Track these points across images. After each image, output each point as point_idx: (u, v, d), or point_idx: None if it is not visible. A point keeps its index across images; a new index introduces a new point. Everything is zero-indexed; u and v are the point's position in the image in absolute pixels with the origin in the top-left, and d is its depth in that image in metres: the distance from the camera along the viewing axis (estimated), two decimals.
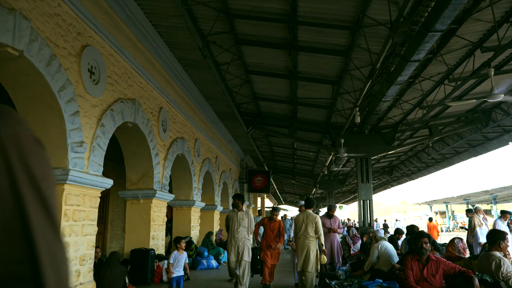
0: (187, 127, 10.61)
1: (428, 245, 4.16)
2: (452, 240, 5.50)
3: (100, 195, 5.91)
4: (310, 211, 7.12)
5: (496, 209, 33.87)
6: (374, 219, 14.45)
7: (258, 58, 8.25)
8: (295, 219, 7.46)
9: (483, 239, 8.98)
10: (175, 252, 6.64)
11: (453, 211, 46.23)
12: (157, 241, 8.17)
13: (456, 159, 16.54)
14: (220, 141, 14.88)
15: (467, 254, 5.45)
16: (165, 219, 8.63)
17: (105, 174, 6.22)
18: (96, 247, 7.21)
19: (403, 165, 20.52)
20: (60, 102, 4.87)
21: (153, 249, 7.29)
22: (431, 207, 47.08)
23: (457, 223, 42.05)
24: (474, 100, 8.23)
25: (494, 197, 32.74)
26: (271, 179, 22.67)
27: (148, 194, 7.86)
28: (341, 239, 10.21)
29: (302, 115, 11.66)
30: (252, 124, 12.04)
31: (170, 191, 9.21)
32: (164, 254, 8.47)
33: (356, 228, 10.31)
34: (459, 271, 3.96)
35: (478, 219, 9.58)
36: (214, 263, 10.32)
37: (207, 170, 12.77)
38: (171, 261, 6.38)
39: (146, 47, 7.46)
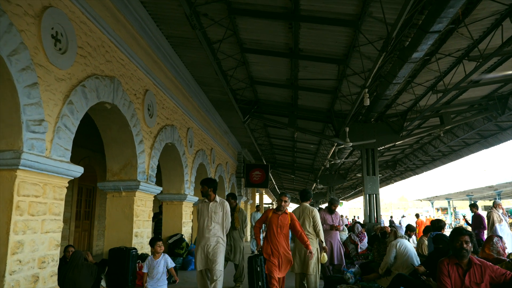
0: (177, 114, 9.71)
1: (470, 245, 3.28)
2: (490, 239, 4.61)
3: (67, 185, 5.02)
4: (307, 204, 6.27)
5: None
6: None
7: (255, 34, 7.33)
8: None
9: (503, 236, 8.12)
10: (150, 257, 5.52)
11: (454, 208, 45.58)
12: (142, 239, 7.28)
13: (465, 151, 15.68)
14: (215, 132, 13.98)
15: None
16: (151, 214, 7.74)
17: (91, 165, 5.35)
18: (69, 246, 6.33)
19: (407, 159, 19.66)
20: (11, 70, 3.96)
21: (135, 248, 6.41)
22: (432, 203, 46.37)
23: (458, 219, 41.38)
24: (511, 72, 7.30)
25: (498, 192, 31.97)
26: (270, 174, 21.79)
27: (131, 186, 6.96)
28: (346, 238, 9.35)
29: (303, 102, 10.76)
30: (249, 113, 11.14)
31: (159, 184, 8.33)
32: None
33: (361, 224, 9.43)
34: (511, 278, 3.08)
35: (497, 214, 8.73)
36: None
37: (201, 163, 11.88)
38: (145, 270, 5.39)
39: (128, 19, 6.55)
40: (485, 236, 9.40)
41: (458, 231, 3.38)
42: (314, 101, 10.59)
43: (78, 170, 5.06)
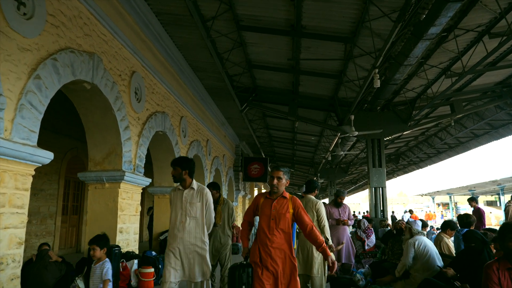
0: (170, 101, 8.99)
1: None
2: None
3: (33, 173, 4.33)
4: (311, 196, 5.47)
5: (504, 200, 32.52)
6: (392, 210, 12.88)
7: (253, 9, 6.60)
8: None
9: None
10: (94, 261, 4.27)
11: (456, 203, 45.02)
12: (128, 236, 6.59)
13: (473, 143, 15.00)
14: (211, 123, 13.27)
15: None
16: (139, 208, 7.05)
17: (79, 156, 4.66)
18: (43, 244, 5.63)
19: (411, 152, 19.01)
20: None
21: (118, 246, 5.71)
22: (433, 199, 45.80)
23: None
24: None
25: (502, 187, 31.38)
26: (269, 168, 21.11)
27: (115, 177, 6.26)
28: (350, 234, 8.67)
29: (305, 89, 10.05)
30: (247, 101, 10.44)
31: (150, 176, 7.65)
32: (138, 252, 6.90)
33: (368, 219, 8.75)
34: None
35: None
36: None
37: (196, 154, 11.18)
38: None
39: None
40: None
41: (508, 227, 2.70)
42: (317, 88, 9.88)
43: (46, 156, 4.37)
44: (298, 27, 6.76)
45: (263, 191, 36.26)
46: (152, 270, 5.89)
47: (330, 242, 5.06)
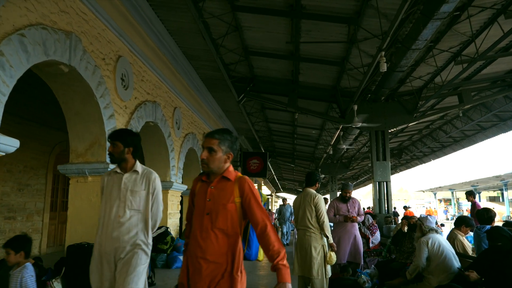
0: (161, 90, 8.47)
1: None
2: None
3: None
4: (311, 189, 4.94)
5: (507, 195, 32.02)
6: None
7: None
8: (293, 203, 5.41)
9: None
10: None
11: (457, 199, 44.55)
12: None
13: (480, 136, 14.46)
14: (208, 116, 12.74)
15: None
16: None
17: (68, 150, 4.16)
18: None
19: (414, 147, 18.48)
20: None
21: None
22: (435, 194, 45.31)
23: (461, 210, 40.41)
24: None
25: (505, 183, 30.87)
26: (268, 163, 20.59)
27: (98, 170, 5.75)
28: None
29: (305, 78, 9.51)
30: (244, 92, 9.91)
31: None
32: None
33: (372, 216, 8.25)
34: None
35: None
36: None
37: (191, 147, 10.66)
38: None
39: None
40: None
41: None
42: (318, 77, 9.35)
43: (10, 144, 3.84)
44: (298, 7, 6.23)
45: (263, 187, 35.77)
46: None
47: (331, 240, 4.55)
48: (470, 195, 9.76)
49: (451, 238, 4.99)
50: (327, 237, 4.53)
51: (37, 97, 9.23)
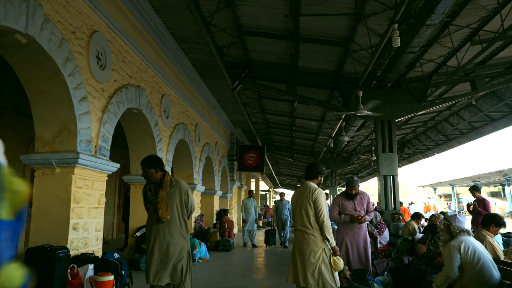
0: (147, 74, 7.68)
1: None
2: None
3: None
4: (311, 183, 4.15)
5: (510, 191, 31.40)
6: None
7: None
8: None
9: None
10: None
11: (458, 194, 43.99)
12: (87, 233, 5.32)
13: (489, 128, 13.72)
14: (201, 106, 11.95)
15: None
16: (103, 199, 5.76)
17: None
18: None
19: (417, 140, 17.73)
20: None
21: (65, 248, 4.44)
22: (435, 190, 44.72)
23: (462, 206, 39.85)
24: None
25: (507, 178, 30.25)
26: (266, 158, 19.84)
27: (67, 160, 4.97)
28: None
29: (306, 63, 8.72)
30: (239, 78, 9.10)
31: (126, 163, 6.38)
32: (98, 254, 5.62)
33: (380, 212, 7.51)
34: None
35: None
36: None
37: (182, 139, 9.87)
38: None
39: None
40: None
41: None
42: (319, 60, 8.56)
43: None
44: None
45: (261, 183, 35.00)
46: (112, 278, 4.61)
47: (333, 243, 3.78)
48: (475, 190, 9.06)
49: (478, 240, 4.22)
50: (328, 239, 3.76)
51: (13, 85, 8.41)
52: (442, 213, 6.82)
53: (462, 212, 34.27)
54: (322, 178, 4.27)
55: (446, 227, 3.49)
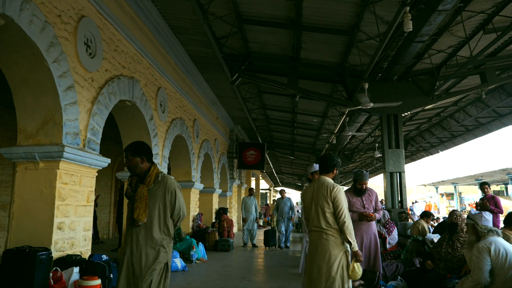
0: (142, 65, 7.29)
1: None
2: None
3: None
4: (326, 178, 3.73)
5: None
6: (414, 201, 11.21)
7: None
8: (302, 196, 4.21)
9: None
10: None
11: (460, 193, 43.59)
12: (73, 233, 4.93)
13: (496, 124, 13.33)
14: (199, 101, 11.56)
15: None
16: (92, 196, 5.38)
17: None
18: None
19: (421, 137, 17.34)
20: None
21: (46, 249, 4.06)
22: (437, 189, 44.31)
23: (464, 205, 39.47)
24: None
25: (511, 176, 29.82)
26: (266, 155, 19.44)
27: (51, 153, 4.58)
28: None
29: (308, 54, 8.33)
30: (239, 71, 8.72)
31: (123, 160, 5.99)
32: (82, 254, 5.23)
33: (388, 211, 7.13)
34: None
35: None
36: (179, 263, 7.09)
37: (179, 134, 9.48)
38: None
39: None
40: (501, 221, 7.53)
41: None
42: (322, 52, 8.18)
43: None
44: None
45: (262, 181, 34.64)
46: (99, 282, 4.21)
47: (356, 247, 3.38)
48: (485, 185, 8.74)
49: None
50: (349, 243, 3.36)
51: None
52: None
53: (464, 212, 33.93)
54: (337, 171, 3.86)
55: (471, 227, 3.10)
